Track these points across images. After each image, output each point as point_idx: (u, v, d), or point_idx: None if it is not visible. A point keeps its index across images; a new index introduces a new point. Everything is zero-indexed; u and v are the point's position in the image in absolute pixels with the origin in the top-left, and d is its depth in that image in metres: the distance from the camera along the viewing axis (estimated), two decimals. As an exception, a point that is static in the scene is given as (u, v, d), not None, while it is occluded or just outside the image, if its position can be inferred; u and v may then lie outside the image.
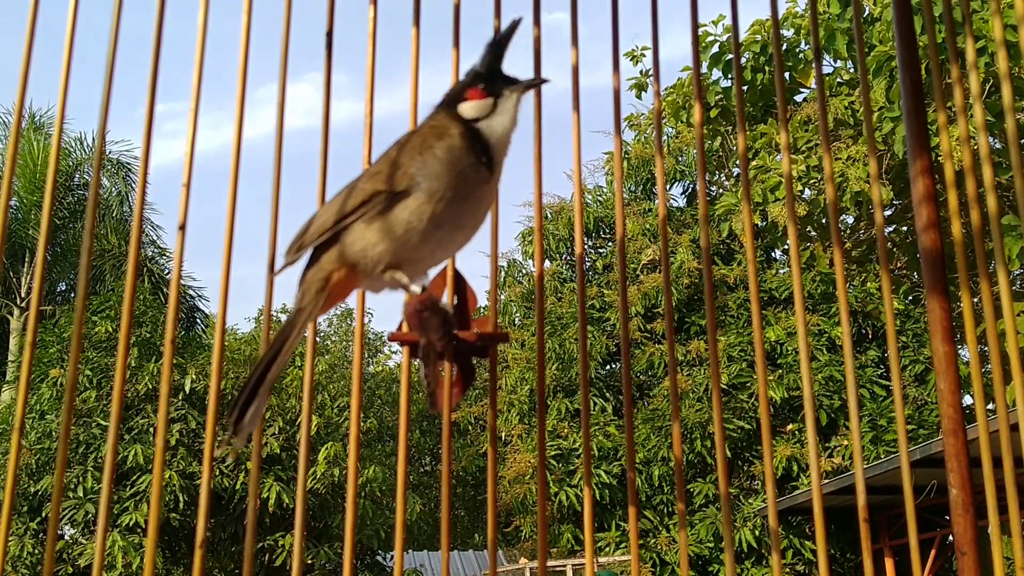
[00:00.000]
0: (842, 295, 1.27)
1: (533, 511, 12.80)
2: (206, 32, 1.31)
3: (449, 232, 1.20)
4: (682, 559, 1.15)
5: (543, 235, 6.93)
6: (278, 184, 1.31)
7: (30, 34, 1.25)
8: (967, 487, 1.25)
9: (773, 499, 1.19)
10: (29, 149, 15.38)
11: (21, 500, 11.57)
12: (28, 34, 1.27)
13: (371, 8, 1.40)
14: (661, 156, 1.33)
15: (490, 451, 1.24)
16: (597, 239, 15.26)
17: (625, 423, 1.32)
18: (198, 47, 1.27)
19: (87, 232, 1.24)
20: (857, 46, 1.34)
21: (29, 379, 1.26)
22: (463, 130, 1.22)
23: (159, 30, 1.32)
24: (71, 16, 1.35)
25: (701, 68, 1.35)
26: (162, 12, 1.32)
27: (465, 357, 1.29)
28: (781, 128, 1.25)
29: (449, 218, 1.18)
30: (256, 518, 1.13)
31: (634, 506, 1.16)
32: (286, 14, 1.34)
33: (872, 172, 1.28)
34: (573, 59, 1.36)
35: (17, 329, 15.61)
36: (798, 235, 6.04)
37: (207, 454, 1.16)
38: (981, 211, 1.25)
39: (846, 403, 12.01)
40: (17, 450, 1.26)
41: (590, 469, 1.18)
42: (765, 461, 1.20)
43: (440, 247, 1.21)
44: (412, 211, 1.17)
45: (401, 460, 1.23)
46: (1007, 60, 1.21)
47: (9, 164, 1.30)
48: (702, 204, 1.27)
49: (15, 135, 1.21)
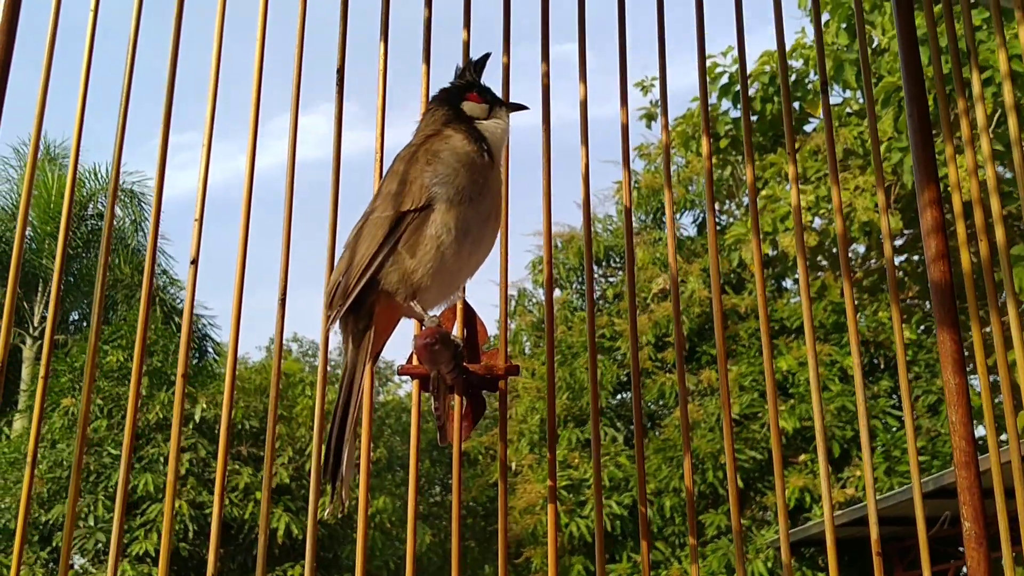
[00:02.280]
0: (852, 325, 1.28)
1: (543, 542, 12.71)
2: (219, 68, 1.33)
3: (478, 230, 1.20)
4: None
5: (552, 264, 7.00)
6: (289, 223, 1.32)
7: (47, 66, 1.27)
8: (980, 520, 1.25)
9: (785, 531, 1.19)
10: (44, 180, 15.51)
11: (32, 529, 11.55)
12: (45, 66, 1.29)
13: (381, 45, 1.42)
14: (670, 188, 1.34)
15: (500, 484, 1.24)
16: (608, 268, 15.24)
17: (636, 453, 1.32)
18: (211, 83, 1.28)
19: (101, 263, 1.26)
20: (863, 75, 1.35)
21: (43, 408, 1.27)
22: (463, 126, 1.25)
23: (173, 63, 1.34)
24: (87, 49, 1.37)
25: (711, 99, 1.37)
26: (176, 45, 1.34)
27: (475, 390, 1.29)
28: (789, 159, 1.26)
29: (474, 217, 1.19)
30: (267, 549, 1.13)
31: (645, 539, 1.16)
32: (298, 52, 1.36)
33: (880, 203, 1.29)
34: (582, 94, 1.37)
35: (30, 358, 15.65)
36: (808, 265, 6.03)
37: (218, 486, 1.17)
38: (990, 241, 1.25)
39: (857, 434, 11.93)
40: (30, 480, 1.26)
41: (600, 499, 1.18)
42: (777, 493, 1.20)
43: (476, 249, 1.21)
44: (439, 224, 1.18)
45: (412, 491, 1.24)
46: (1012, 92, 1.22)
47: (25, 195, 1.31)
48: (711, 234, 1.28)
49: (31, 166, 1.23)
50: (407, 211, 1.18)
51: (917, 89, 1.33)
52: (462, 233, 1.17)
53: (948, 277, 1.29)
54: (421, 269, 1.17)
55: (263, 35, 1.38)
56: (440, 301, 1.24)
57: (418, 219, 1.18)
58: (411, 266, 1.17)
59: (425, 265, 1.17)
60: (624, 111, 1.34)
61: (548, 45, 1.39)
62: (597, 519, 1.21)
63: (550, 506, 1.25)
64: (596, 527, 1.21)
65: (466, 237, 1.18)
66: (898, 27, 1.40)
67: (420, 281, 1.17)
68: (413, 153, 1.23)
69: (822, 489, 1.16)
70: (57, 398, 12.33)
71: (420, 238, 1.17)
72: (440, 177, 1.19)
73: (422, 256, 1.17)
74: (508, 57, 1.40)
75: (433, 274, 1.17)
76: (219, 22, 1.37)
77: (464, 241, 1.18)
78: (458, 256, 1.18)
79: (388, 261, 1.18)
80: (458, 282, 1.23)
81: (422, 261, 1.17)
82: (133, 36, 1.34)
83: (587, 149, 1.34)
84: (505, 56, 1.40)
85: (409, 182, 1.19)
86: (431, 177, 1.19)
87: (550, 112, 1.36)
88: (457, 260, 1.19)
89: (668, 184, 1.36)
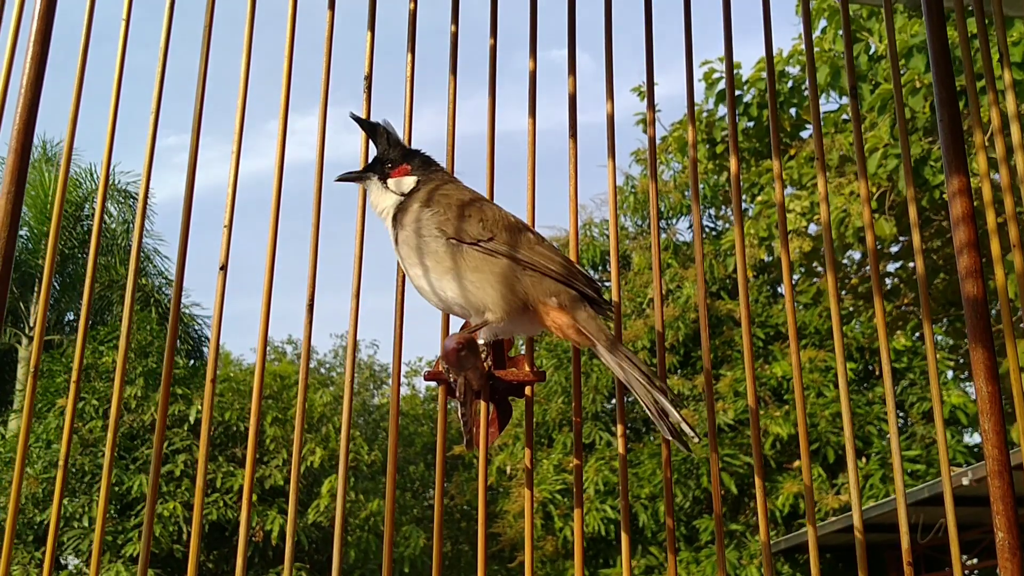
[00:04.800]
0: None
1: (539, 546, 12.69)
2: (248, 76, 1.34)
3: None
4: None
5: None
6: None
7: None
8: (1014, 530, 1.23)
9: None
10: (40, 180, 15.50)
11: (27, 530, 11.52)
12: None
13: (408, 55, 1.42)
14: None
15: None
16: (604, 272, 15.25)
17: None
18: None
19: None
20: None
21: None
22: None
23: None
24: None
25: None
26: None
27: (502, 396, 1.31)
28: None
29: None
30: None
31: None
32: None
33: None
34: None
35: (25, 358, 15.62)
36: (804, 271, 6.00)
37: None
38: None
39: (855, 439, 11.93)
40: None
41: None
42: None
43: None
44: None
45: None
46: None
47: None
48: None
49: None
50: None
51: (948, 94, 1.32)
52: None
53: (982, 292, 1.28)
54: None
55: (292, 40, 1.38)
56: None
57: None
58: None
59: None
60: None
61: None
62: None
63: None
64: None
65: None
66: (927, 19, 1.39)
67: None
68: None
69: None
70: (53, 398, 12.31)
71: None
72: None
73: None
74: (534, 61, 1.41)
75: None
76: (247, 29, 1.38)
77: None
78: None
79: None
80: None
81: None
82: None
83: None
84: (531, 61, 1.41)
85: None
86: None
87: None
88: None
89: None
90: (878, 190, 9.80)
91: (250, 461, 1.16)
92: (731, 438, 12.12)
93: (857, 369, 12.23)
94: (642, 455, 12.42)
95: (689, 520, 11.92)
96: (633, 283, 13.46)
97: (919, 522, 7.71)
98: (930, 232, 10.82)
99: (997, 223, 1.26)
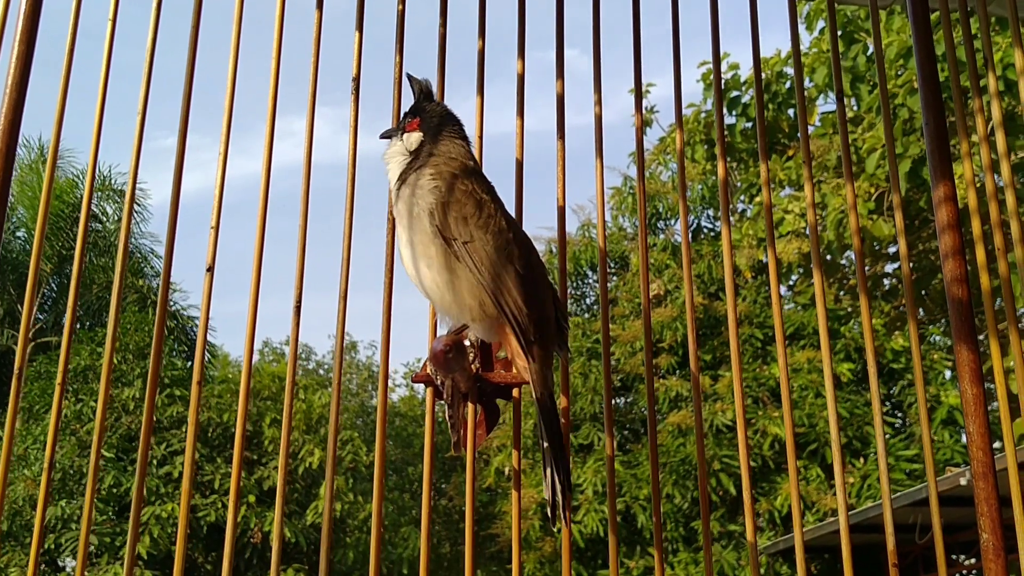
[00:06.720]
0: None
1: (536, 547, 12.70)
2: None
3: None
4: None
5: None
6: (304, 229, 1.32)
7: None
8: (998, 531, 1.23)
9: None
10: (39, 182, 15.49)
11: (24, 531, 11.51)
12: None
13: (396, 56, 1.42)
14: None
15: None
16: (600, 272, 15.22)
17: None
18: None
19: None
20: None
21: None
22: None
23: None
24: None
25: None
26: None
27: (489, 398, 1.31)
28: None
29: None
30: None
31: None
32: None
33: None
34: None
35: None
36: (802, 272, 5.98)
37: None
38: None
39: (852, 440, 11.93)
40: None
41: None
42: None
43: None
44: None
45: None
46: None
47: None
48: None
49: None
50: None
51: (931, 71, 1.31)
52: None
53: (967, 296, 1.28)
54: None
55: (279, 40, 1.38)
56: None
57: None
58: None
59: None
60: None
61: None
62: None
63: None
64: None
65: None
66: (913, 25, 1.39)
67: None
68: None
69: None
70: (50, 399, 12.30)
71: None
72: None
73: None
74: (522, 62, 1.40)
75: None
76: (235, 28, 1.38)
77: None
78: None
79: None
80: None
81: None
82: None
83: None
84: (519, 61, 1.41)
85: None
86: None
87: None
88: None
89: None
90: (877, 191, 9.81)
91: (236, 461, 1.16)
92: (730, 439, 12.11)
93: (856, 369, 12.22)
94: (641, 456, 12.41)
95: (688, 521, 11.92)
96: (632, 284, 13.45)
97: (918, 522, 7.70)
98: (929, 232, 10.82)
99: (983, 230, 1.26)
